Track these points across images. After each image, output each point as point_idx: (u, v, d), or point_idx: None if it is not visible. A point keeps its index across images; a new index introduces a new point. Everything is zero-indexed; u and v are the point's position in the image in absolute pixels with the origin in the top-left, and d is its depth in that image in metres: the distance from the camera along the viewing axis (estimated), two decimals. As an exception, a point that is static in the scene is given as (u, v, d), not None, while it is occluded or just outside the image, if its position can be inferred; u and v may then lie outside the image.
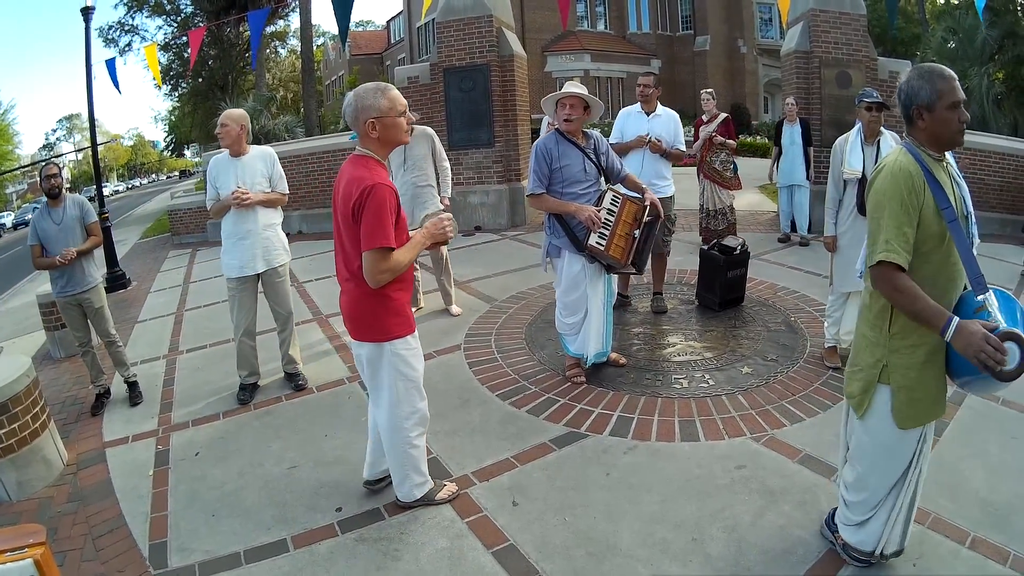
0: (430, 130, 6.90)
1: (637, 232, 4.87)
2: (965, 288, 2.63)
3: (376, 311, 3.41)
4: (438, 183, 6.90)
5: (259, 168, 5.36)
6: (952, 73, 2.58)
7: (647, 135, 6.35)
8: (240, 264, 5.35)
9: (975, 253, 2.59)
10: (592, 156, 4.96)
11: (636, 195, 5.01)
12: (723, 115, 8.84)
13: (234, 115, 5.32)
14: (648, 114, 6.51)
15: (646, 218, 4.88)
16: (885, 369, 2.73)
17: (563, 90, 4.89)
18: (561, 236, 4.97)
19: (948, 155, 2.72)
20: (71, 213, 5.54)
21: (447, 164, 6.95)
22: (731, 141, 8.77)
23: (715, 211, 8.88)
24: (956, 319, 2.40)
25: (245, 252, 5.33)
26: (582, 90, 4.88)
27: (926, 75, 2.58)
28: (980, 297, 2.49)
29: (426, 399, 3.74)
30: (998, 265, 8.14)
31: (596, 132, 5.11)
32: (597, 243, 4.76)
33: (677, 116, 6.70)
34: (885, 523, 2.97)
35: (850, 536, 3.07)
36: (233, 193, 5.19)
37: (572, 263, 4.99)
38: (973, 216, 2.68)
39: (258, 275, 5.45)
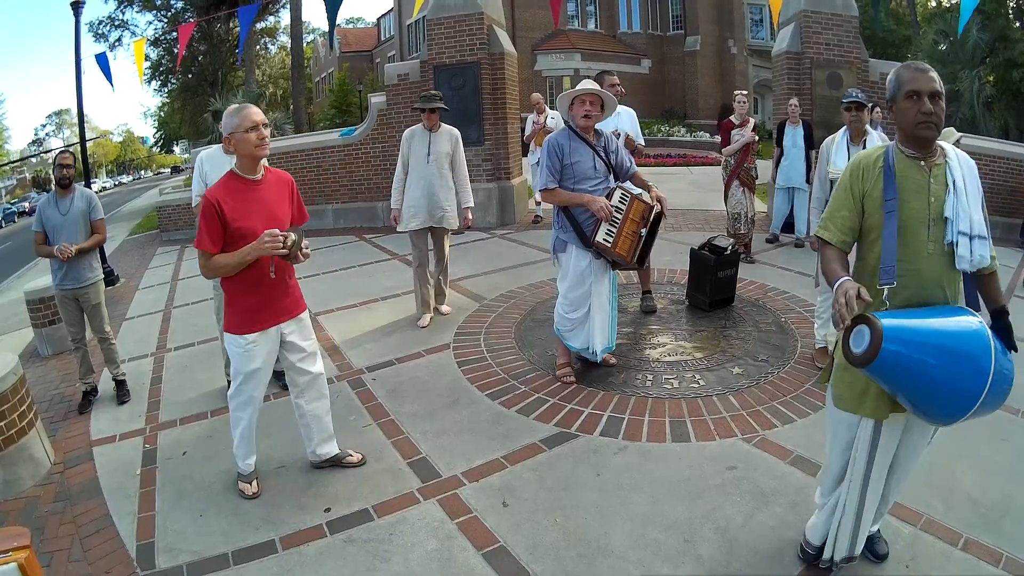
0: (456, 132, 6.75)
1: (644, 231, 4.88)
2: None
3: (224, 303, 3.90)
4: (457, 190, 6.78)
5: None
6: (923, 66, 2.56)
7: (617, 130, 6.34)
8: None
9: (967, 267, 2.54)
10: (602, 154, 4.97)
11: (643, 193, 5.03)
12: (752, 120, 8.79)
13: None
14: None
15: (652, 217, 4.90)
16: (837, 345, 2.76)
17: (580, 87, 4.90)
18: (569, 231, 4.99)
19: (954, 155, 2.63)
20: (78, 206, 5.50)
21: (465, 172, 6.80)
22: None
23: (750, 218, 8.76)
24: (845, 278, 2.48)
25: None
26: (598, 87, 4.91)
27: (896, 68, 2.63)
28: (882, 286, 2.53)
29: (254, 389, 3.92)
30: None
31: (607, 130, 5.12)
32: (604, 240, 4.76)
33: (634, 113, 6.85)
34: (831, 517, 3.01)
35: (808, 524, 3.16)
36: None
37: (580, 258, 4.99)
38: (960, 224, 2.54)
39: None
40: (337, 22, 13.82)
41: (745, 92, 9.06)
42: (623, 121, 6.54)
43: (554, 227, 5.15)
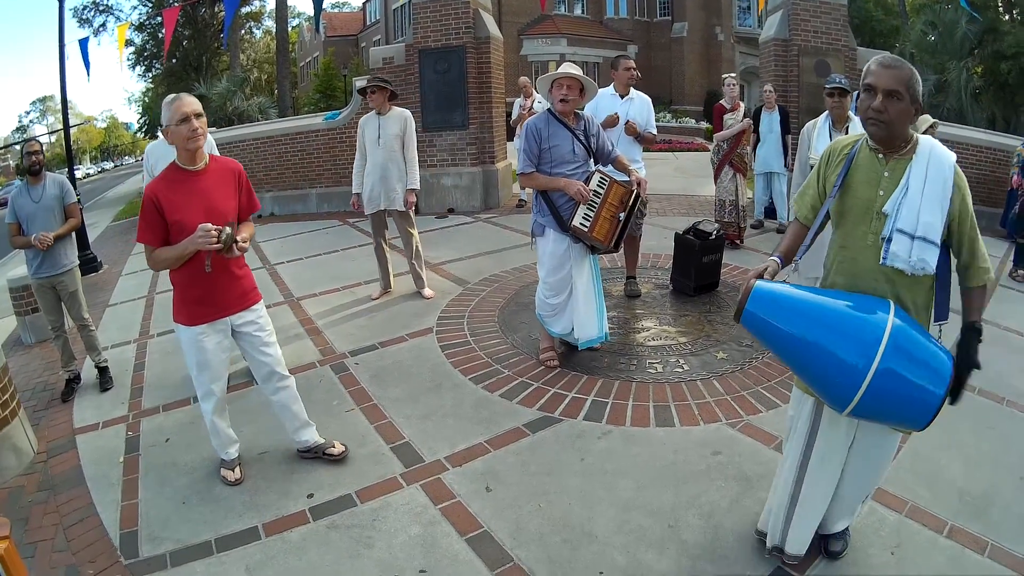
0: (407, 113, 6.77)
1: (622, 215, 4.85)
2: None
3: (173, 294, 3.84)
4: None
5: None
6: (892, 62, 2.48)
7: (616, 114, 6.27)
8: None
9: (902, 266, 2.47)
10: (582, 138, 4.94)
11: (624, 178, 5.00)
12: (742, 105, 8.75)
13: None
14: (622, 97, 6.46)
15: (631, 201, 4.87)
16: None
17: (560, 70, 4.87)
18: (547, 215, 4.96)
19: (926, 155, 2.51)
20: (50, 192, 5.47)
21: (414, 154, 6.79)
22: None
23: (738, 205, 8.67)
24: (774, 257, 2.72)
25: None
26: (579, 72, 4.86)
27: (872, 59, 2.61)
28: (786, 268, 2.76)
29: (211, 382, 3.90)
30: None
31: (588, 114, 5.09)
32: (581, 224, 4.74)
33: (650, 100, 6.69)
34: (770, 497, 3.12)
35: None
36: None
37: (557, 242, 4.97)
38: (900, 221, 2.47)
39: None
40: (323, 6, 13.71)
41: (735, 75, 9.06)
42: (635, 107, 6.43)
43: (533, 211, 5.13)
